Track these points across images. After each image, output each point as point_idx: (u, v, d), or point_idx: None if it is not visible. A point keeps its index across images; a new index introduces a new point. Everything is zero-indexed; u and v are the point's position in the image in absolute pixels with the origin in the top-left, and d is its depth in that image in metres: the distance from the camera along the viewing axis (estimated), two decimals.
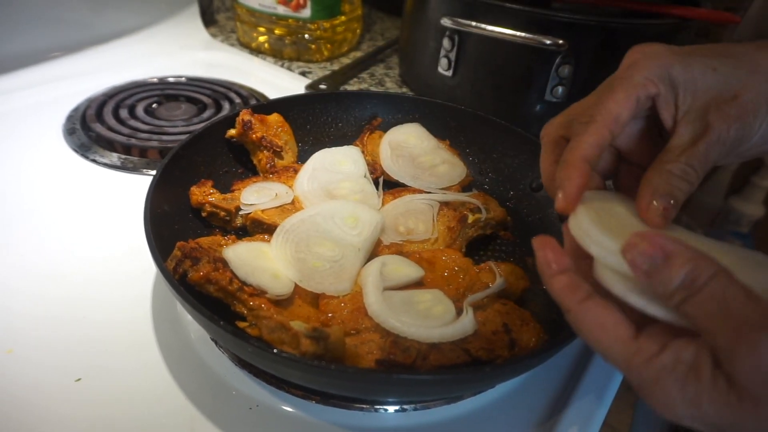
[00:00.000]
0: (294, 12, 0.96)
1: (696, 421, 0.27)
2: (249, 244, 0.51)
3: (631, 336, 0.29)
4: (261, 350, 0.37)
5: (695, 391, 0.26)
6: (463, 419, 0.46)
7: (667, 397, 0.27)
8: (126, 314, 0.51)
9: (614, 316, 0.29)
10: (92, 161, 0.70)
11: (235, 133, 0.63)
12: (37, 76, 0.85)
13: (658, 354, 0.27)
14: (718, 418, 0.26)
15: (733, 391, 0.25)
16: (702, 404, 0.26)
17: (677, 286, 0.27)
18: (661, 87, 0.35)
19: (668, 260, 0.27)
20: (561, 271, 0.32)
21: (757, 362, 0.24)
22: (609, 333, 0.29)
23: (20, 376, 0.45)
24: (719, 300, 0.26)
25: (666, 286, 0.27)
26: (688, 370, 0.26)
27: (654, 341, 0.28)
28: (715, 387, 0.25)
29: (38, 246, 0.57)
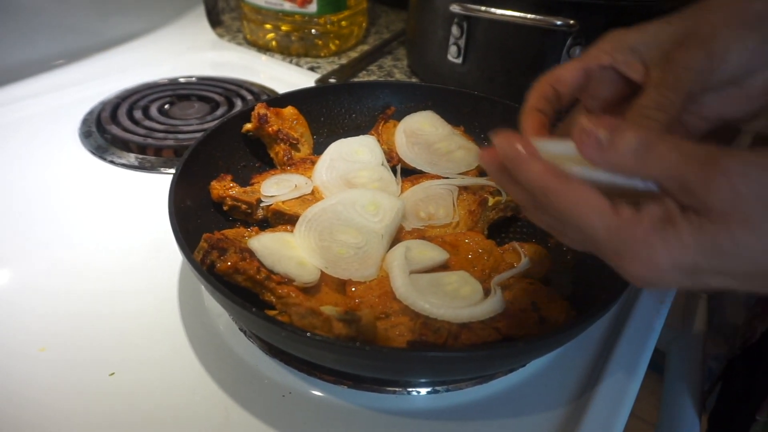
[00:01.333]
0: (300, 8, 0.96)
1: (677, 269, 0.28)
2: (273, 235, 0.51)
3: (610, 206, 0.29)
4: (296, 335, 0.37)
5: (674, 234, 0.27)
6: (495, 399, 0.46)
7: (651, 250, 0.28)
8: (154, 308, 0.51)
9: (593, 191, 0.30)
10: (110, 162, 0.70)
11: (252, 127, 0.63)
12: (49, 83, 0.86)
13: (636, 215, 0.29)
14: (697, 249, 0.27)
15: (704, 219, 0.27)
16: (682, 243, 0.27)
17: (632, 150, 0.29)
18: (616, 55, 0.40)
19: (617, 133, 0.29)
20: (534, 155, 0.31)
21: (726, 184, 0.26)
22: (592, 206, 0.29)
23: (54, 374, 0.46)
24: (676, 149, 0.28)
25: (622, 149, 0.29)
26: (663, 220, 0.28)
27: (630, 208, 0.29)
28: (689, 222, 0.27)
29: (64, 247, 0.58)
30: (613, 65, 0.40)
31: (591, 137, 0.30)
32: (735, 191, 0.26)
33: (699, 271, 0.28)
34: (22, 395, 0.44)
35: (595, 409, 0.44)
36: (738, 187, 0.26)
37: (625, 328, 0.51)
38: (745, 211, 0.26)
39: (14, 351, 0.47)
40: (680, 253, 0.27)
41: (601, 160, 0.30)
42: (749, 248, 0.27)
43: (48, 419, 0.42)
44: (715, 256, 0.27)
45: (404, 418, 0.44)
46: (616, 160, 0.29)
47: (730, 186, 0.26)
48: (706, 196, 0.27)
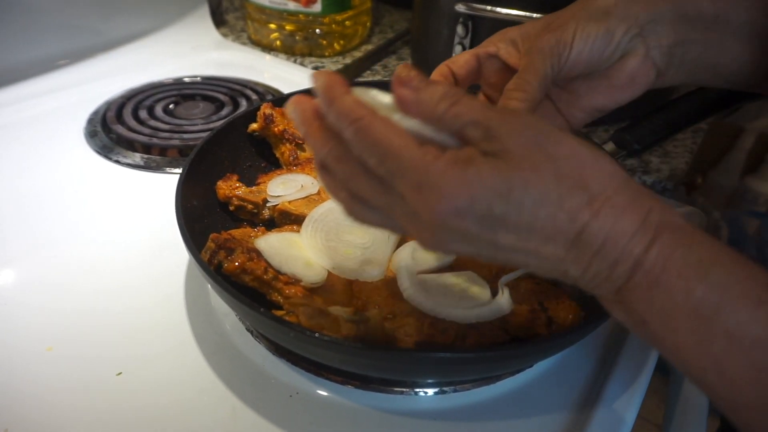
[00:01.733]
0: (304, 7, 0.96)
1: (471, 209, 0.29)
2: (280, 235, 0.51)
3: (417, 144, 0.30)
4: (304, 335, 0.37)
5: (474, 170, 0.28)
6: (502, 399, 0.46)
7: (450, 182, 0.28)
8: (161, 308, 0.52)
9: (400, 129, 0.30)
10: (115, 162, 0.70)
11: (257, 127, 0.63)
12: (53, 83, 0.86)
13: (443, 154, 0.29)
14: (493, 187, 0.28)
15: (502, 161, 0.29)
16: (480, 177, 0.28)
17: (441, 96, 0.30)
18: (500, 45, 0.46)
19: (428, 83, 0.31)
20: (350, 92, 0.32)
21: (518, 127, 0.29)
22: (399, 138, 0.30)
23: (61, 373, 0.46)
24: (477, 101, 0.30)
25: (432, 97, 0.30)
26: (465, 159, 0.29)
27: (436, 147, 0.30)
28: (488, 162, 0.29)
29: (70, 246, 0.58)
30: (497, 53, 0.46)
31: (406, 82, 0.31)
32: (523, 135, 0.29)
33: (489, 215, 0.29)
34: (30, 394, 0.44)
35: (603, 410, 0.44)
36: (525, 131, 0.29)
37: None
38: (531, 155, 0.29)
39: (22, 350, 0.47)
40: (477, 188, 0.28)
41: (413, 104, 0.31)
42: (532, 188, 0.28)
43: (55, 418, 0.42)
44: (506, 198, 0.28)
45: (411, 419, 0.44)
46: (425, 105, 0.30)
47: (519, 129, 0.29)
48: (500, 136, 0.29)
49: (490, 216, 0.29)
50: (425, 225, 0.30)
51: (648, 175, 0.73)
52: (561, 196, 0.28)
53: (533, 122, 0.30)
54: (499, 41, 0.46)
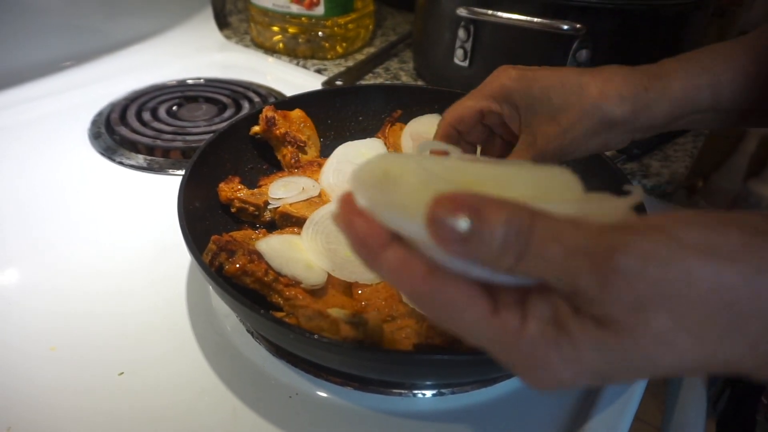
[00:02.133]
0: (307, 10, 0.97)
1: (582, 377, 0.24)
2: (281, 237, 0.52)
3: (491, 311, 0.24)
4: (303, 336, 0.38)
5: (570, 346, 0.23)
6: (500, 401, 0.46)
7: (549, 365, 0.24)
8: (162, 310, 0.52)
9: (466, 291, 0.24)
10: (119, 163, 0.71)
11: (259, 129, 0.64)
12: (58, 84, 0.87)
13: (523, 327, 0.24)
14: (602, 362, 0.23)
15: (602, 329, 0.23)
16: (581, 356, 0.23)
17: (503, 241, 0.23)
18: (504, 107, 0.46)
19: (480, 213, 0.23)
20: (383, 245, 0.25)
21: (621, 289, 0.22)
22: (466, 312, 0.24)
23: (64, 373, 0.46)
24: (553, 241, 0.22)
25: (490, 251, 0.23)
26: (555, 329, 0.24)
27: (513, 312, 0.24)
28: (584, 332, 0.23)
29: (74, 247, 0.59)
30: (500, 112, 0.47)
31: (446, 229, 0.23)
32: (631, 296, 0.22)
33: (608, 375, 0.24)
34: (33, 393, 0.44)
35: (600, 412, 0.45)
36: (634, 290, 0.22)
37: None
38: (647, 321, 0.22)
39: (25, 350, 0.48)
40: (581, 368, 0.24)
41: (469, 256, 0.23)
42: (665, 359, 0.23)
43: (58, 417, 0.43)
44: (623, 367, 0.24)
45: (410, 420, 0.44)
46: (484, 258, 0.23)
47: (623, 290, 0.22)
48: (604, 305, 0.22)
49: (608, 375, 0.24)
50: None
51: (648, 179, 0.73)
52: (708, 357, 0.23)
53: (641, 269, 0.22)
54: (501, 99, 0.46)
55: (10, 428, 0.42)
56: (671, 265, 0.22)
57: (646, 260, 0.22)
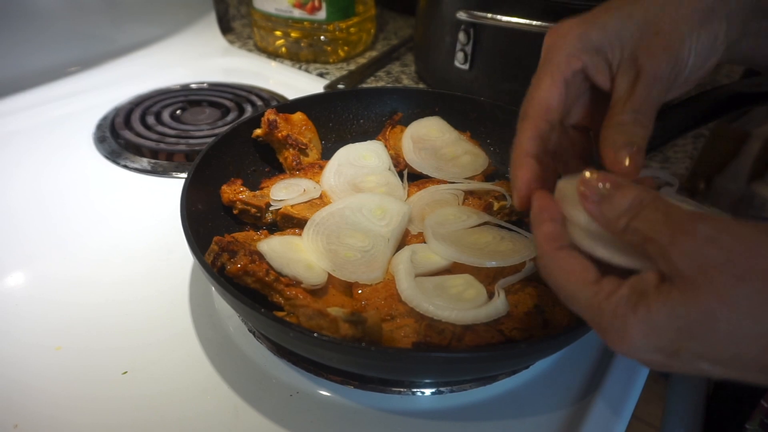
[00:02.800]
0: (309, 15, 0.98)
1: (652, 342, 0.27)
2: (282, 238, 0.52)
3: (594, 280, 0.30)
4: (303, 335, 0.38)
5: (645, 307, 0.27)
6: (499, 400, 0.46)
7: (624, 324, 0.28)
8: (165, 309, 0.53)
9: (582, 263, 0.31)
10: (123, 167, 0.72)
11: (261, 132, 0.65)
12: (63, 89, 0.88)
13: (616, 290, 0.29)
14: (669, 323, 0.26)
15: (675, 288, 0.26)
16: (652, 315, 0.27)
17: (626, 209, 0.29)
18: (585, 57, 0.36)
19: (617, 189, 0.30)
20: (550, 219, 0.33)
21: (693, 246, 0.26)
22: (576, 277, 0.30)
23: (70, 372, 0.47)
24: (662, 211, 0.28)
25: (616, 209, 0.29)
26: (637, 292, 0.28)
27: (613, 281, 0.29)
28: (659, 293, 0.27)
29: (80, 249, 0.60)
30: (584, 69, 0.37)
31: (592, 189, 0.30)
32: (701, 255, 0.25)
33: (678, 351, 0.27)
34: (39, 391, 0.45)
35: (598, 411, 0.45)
36: (704, 250, 0.25)
37: None
38: (713, 279, 0.25)
39: (32, 349, 0.49)
40: (652, 325, 0.27)
41: (597, 213, 0.30)
42: (723, 321, 0.25)
43: (63, 414, 0.44)
44: (690, 332, 0.26)
45: (409, 418, 0.45)
46: (609, 215, 0.30)
47: (694, 248, 0.26)
48: (671, 258, 0.26)
49: (678, 350, 0.27)
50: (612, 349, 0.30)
51: None
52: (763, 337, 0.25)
53: (715, 234, 0.25)
54: (582, 52, 0.36)
55: (18, 425, 0.42)
56: (744, 239, 0.25)
57: (720, 230, 0.25)
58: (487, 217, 0.57)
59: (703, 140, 0.84)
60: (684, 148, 0.81)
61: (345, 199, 0.58)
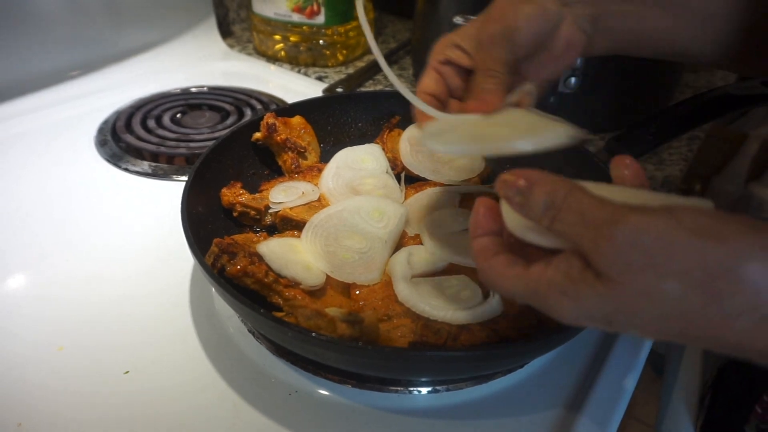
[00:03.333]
0: (308, 19, 0.99)
1: (585, 317, 0.30)
2: (281, 240, 0.53)
3: (522, 270, 0.32)
4: (301, 334, 0.39)
5: (574, 290, 0.29)
6: (494, 398, 0.47)
7: (558, 303, 0.30)
8: (167, 311, 0.54)
9: (509, 260, 0.34)
10: (124, 170, 0.73)
11: (261, 136, 0.65)
12: (65, 93, 0.89)
13: (544, 273, 0.31)
14: (598, 307, 0.29)
15: (599, 281, 0.28)
16: (581, 299, 0.29)
17: (543, 207, 0.31)
18: (447, 52, 0.48)
19: (532, 187, 0.31)
20: (483, 234, 0.36)
21: (614, 252, 0.27)
22: (506, 274, 0.33)
23: (72, 371, 0.48)
24: (576, 211, 0.29)
25: (535, 210, 0.31)
26: (564, 276, 0.30)
27: (540, 266, 0.32)
28: (585, 281, 0.29)
29: (81, 251, 0.60)
30: (450, 59, 0.48)
31: (510, 189, 0.32)
32: (622, 260, 0.27)
33: (611, 322, 0.29)
34: (42, 390, 0.46)
35: (592, 409, 0.46)
36: (624, 255, 0.27)
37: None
38: (635, 279, 0.27)
39: (35, 349, 0.49)
40: (582, 306, 0.29)
41: (522, 213, 0.33)
42: (647, 311, 0.28)
43: (66, 413, 0.44)
44: (617, 313, 0.29)
45: (406, 417, 0.45)
46: (532, 215, 0.32)
47: (616, 253, 0.27)
48: (597, 263, 0.28)
49: (611, 319, 0.29)
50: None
51: None
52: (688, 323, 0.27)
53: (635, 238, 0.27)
54: (445, 48, 0.48)
55: (21, 424, 0.43)
56: (661, 239, 0.26)
57: (639, 233, 0.27)
58: None
59: (698, 142, 0.85)
60: (679, 150, 0.82)
61: (343, 201, 0.58)
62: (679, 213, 0.27)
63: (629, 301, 0.28)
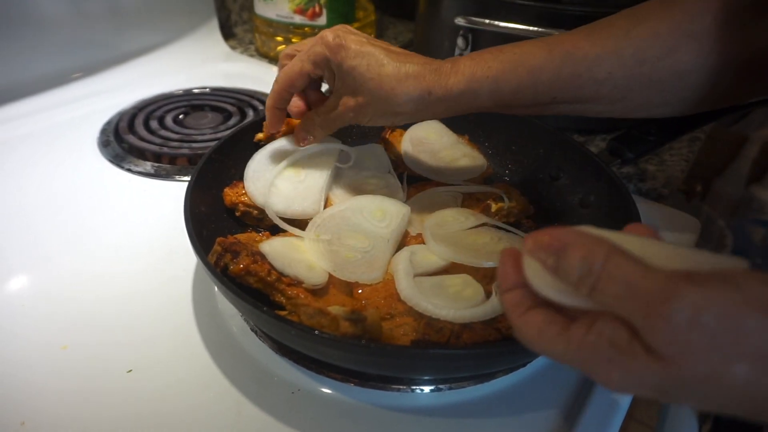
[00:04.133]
0: (310, 20, 0.99)
1: (635, 387, 0.27)
2: (283, 239, 0.53)
3: (562, 329, 0.29)
4: (304, 333, 0.39)
5: (622, 361, 0.27)
6: (496, 397, 0.47)
7: (605, 371, 0.27)
8: (169, 310, 0.54)
9: (547, 317, 0.30)
10: (127, 170, 0.73)
11: (263, 136, 0.66)
12: (68, 95, 0.89)
13: (585, 335, 0.28)
14: (650, 382, 0.26)
15: (652, 358, 0.26)
16: (631, 372, 0.26)
17: (579, 274, 0.28)
18: (325, 72, 0.53)
19: (565, 250, 0.28)
20: (511, 287, 0.32)
21: (672, 332, 0.25)
22: (544, 334, 0.30)
23: (75, 370, 0.48)
24: (620, 282, 0.26)
25: (570, 276, 0.28)
26: (610, 344, 0.27)
27: (581, 325, 0.29)
28: (634, 355, 0.26)
29: (85, 251, 0.61)
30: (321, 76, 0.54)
31: (541, 253, 0.29)
32: (681, 340, 0.25)
33: (667, 392, 0.27)
34: (46, 389, 0.46)
35: (593, 410, 0.46)
36: (684, 335, 0.24)
37: None
38: (697, 361, 0.25)
39: (38, 348, 0.50)
40: (633, 378, 0.27)
41: (558, 277, 0.29)
42: (710, 396, 0.26)
43: (69, 411, 0.45)
44: (676, 389, 0.26)
45: (408, 415, 0.46)
46: (569, 281, 0.29)
47: (674, 334, 0.25)
48: (651, 341, 0.26)
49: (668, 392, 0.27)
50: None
51: (644, 183, 0.75)
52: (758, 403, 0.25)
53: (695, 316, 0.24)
54: (324, 66, 0.52)
55: (25, 422, 0.43)
56: (726, 318, 0.24)
57: (699, 310, 0.24)
58: (485, 218, 0.58)
59: (698, 143, 0.85)
60: (680, 151, 0.82)
61: (346, 201, 0.59)
62: (741, 284, 0.24)
63: (690, 384, 0.25)
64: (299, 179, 0.60)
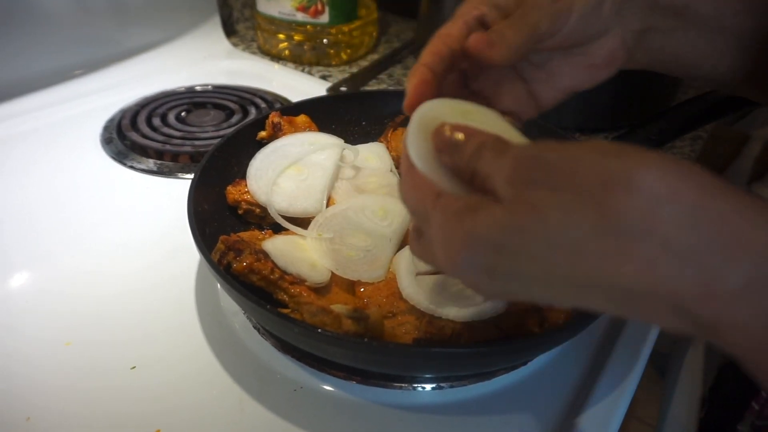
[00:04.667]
0: (312, 18, 0.99)
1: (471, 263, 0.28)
2: (286, 237, 0.54)
3: (437, 194, 0.31)
4: (307, 330, 0.40)
5: (471, 220, 0.27)
6: (497, 395, 0.48)
7: (451, 236, 0.28)
8: (172, 307, 0.54)
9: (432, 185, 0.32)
10: (130, 167, 0.73)
11: (266, 134, 0.66)
12: (70, 92, 0.89)
13: (453, 203, 0.29)
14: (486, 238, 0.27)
15: (499, 205, 0.27)
16: (474, 230, 0.27)
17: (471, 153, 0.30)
18: (484, 9, 0.41)
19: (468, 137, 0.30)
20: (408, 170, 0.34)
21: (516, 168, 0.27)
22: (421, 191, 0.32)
23: (79, 366, 0.48)
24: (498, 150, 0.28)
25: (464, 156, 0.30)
26: (470, 209, 0.28)
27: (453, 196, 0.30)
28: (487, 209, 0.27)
29: (87, 248, 0.61)
30: (484, 18, 0.41)
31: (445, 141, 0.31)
32: (523, 175, 0.26)
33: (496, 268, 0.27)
34: (50, 385, 0.47)
35: (594, 407, 0.46)
36: (526, 171, 0.26)
37: (624, 328, 0.53)
38: (530, 195, 0.25)
39: (42, 344, 0.50)
40: (472, 241, 0.27)
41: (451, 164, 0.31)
42: (533, 234, 0.25)
43: (73, 407, 0.45)
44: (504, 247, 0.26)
45: (410, 413, 0.46)
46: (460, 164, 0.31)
47: (518, 170, 0.26)
48: (497, 184, 0.27)
49: (496, 267, 0.27)
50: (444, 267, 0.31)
51: None
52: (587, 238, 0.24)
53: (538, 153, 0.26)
54: (482, 4, 0.41)
55: (30, 418, 0.44)
56: (565, 156, 0.25)
57: (544, 148, 0.26)
58: None
59: (701, 142, 0.86)
60: (682, 150, 0.82)
61: (348, 200, 0.59)
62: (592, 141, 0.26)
63: (517, 218, 0.26)
64: (302, 178, 0.60)
